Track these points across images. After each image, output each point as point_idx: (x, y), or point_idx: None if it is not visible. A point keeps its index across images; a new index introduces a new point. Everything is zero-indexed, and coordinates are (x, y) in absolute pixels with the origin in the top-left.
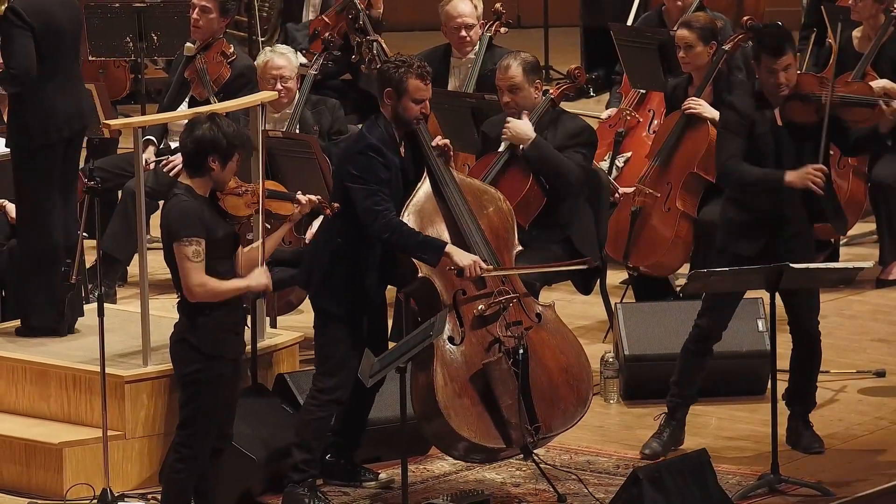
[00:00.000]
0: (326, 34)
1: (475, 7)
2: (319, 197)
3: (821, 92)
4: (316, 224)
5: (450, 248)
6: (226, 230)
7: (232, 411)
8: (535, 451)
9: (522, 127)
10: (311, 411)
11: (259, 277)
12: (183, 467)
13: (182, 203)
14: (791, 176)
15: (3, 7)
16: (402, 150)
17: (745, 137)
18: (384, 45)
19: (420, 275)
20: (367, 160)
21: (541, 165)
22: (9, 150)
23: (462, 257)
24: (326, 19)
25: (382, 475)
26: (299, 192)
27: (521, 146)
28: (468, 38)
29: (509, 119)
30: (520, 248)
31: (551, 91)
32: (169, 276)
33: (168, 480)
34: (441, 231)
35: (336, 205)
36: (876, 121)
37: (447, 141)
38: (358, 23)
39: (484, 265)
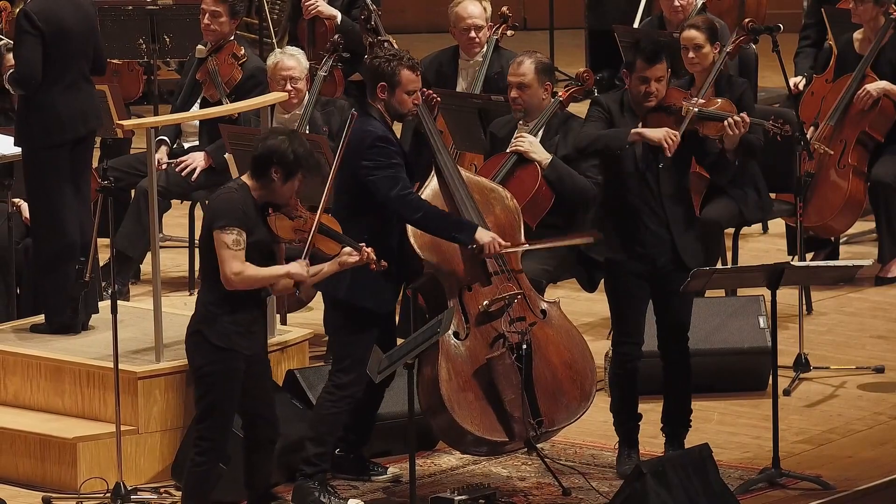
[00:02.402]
0: (335, 36)
1: (484, 9)
2: (371, 251)
3: (682, 104)
4: None
5: (479, 227)
6: (261, 237)
7: (270, 402)
8: (539, 446)
9: (537, 148)
10: (326, 406)
11: (298, 267)
12: (203, 460)
13: (230, 193)
14: (641, 129)
15: (17, 10)
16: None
17: (606, 124)
18: (395, 46)
19: (427, 271)
20: (380, 150)
21: (560, 185)
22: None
23: (482, 234)
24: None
25: (391, 469)
26: (361, 244)
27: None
28: (477, 40)
29: (524, 135)
30: (526, 246)
31: (560, 94)
32: (180, 274)
33: (189, 474)
34: None
35: (384, 263)
36: (725, 136)
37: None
38: (370, 23)
39: (503, 242)
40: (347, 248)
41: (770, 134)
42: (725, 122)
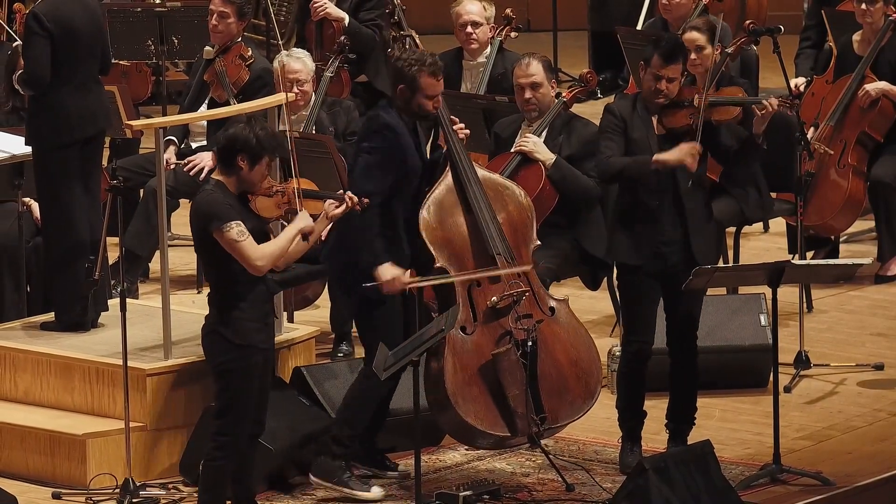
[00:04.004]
0: (342, 37)
1: (484, 8)
2: (352, 195)
3: (693, 97)
4: None
5: (384, 266)
6: (252, 225)
7: (265, 398)
8: (543, 441)
9: (541, 148)
10: (363, 391)
11: (304, 219)
12: (221, 455)
13: (210, 195)
14: (662, 155)
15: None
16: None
17: (622, 136)
18: (417, 40)
19: (437, 265)
20: (382, 140)
21: (563, 185)
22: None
23: (384, 273)
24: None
25: (402, 466)
26: (342, 190)
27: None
28: (474, 36)
29: (528, 136)
30: (538, 243)
31: (564, 94)
32: (188, 272)
33: (207, 468)
34: (459, 224)
35: (366, 200)
36: (756, 118)
37: (463, 128)
38: (393, 18)
39: (405, 279)
40: (329, 201)
41: (780, 109)
42: (766, 102)
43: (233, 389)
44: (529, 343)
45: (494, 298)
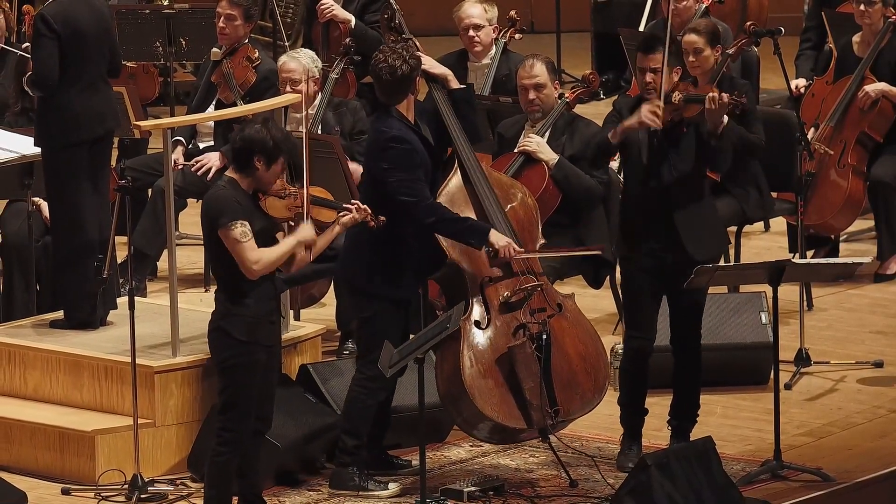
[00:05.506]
0: (347, 39)
1: (485, 10)
2: (367, 208)
3: (675, 93)
4: None
5: (492, 231)
6: (262, 224)
7: (271, 395)
8: (551, 436)
9: (544, 148)
10: (361, 399)
11: (305, 230)
12: (226, 450)
13: (220, 191)
14: (625, 121)
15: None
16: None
17: (615, 127)
18: (418, 45)
19: (450, 261)
20: (395, 152)
21: (566, 185)
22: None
23: (497, 238)
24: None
25: (415, 462)
26: (355, 201)
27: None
28: (477, 38)
29: (531, 136)
30: (543, 241)
31: (567, 95)
32: (196, 271)
33: (212, 464)
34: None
35: (382, 218)
36: (707, 116)
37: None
38: (393, 22)
39: (517, 247)
40: (343, 212)
41: (729, 106)
42: (707, 97)
43: (236, 385)
44: (544, 336)
45: (507, 293)
